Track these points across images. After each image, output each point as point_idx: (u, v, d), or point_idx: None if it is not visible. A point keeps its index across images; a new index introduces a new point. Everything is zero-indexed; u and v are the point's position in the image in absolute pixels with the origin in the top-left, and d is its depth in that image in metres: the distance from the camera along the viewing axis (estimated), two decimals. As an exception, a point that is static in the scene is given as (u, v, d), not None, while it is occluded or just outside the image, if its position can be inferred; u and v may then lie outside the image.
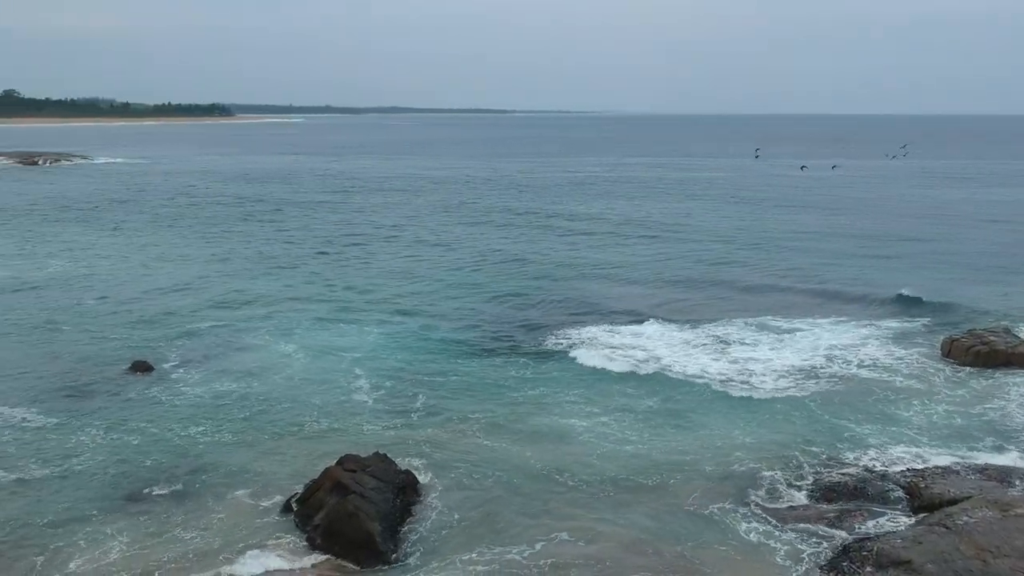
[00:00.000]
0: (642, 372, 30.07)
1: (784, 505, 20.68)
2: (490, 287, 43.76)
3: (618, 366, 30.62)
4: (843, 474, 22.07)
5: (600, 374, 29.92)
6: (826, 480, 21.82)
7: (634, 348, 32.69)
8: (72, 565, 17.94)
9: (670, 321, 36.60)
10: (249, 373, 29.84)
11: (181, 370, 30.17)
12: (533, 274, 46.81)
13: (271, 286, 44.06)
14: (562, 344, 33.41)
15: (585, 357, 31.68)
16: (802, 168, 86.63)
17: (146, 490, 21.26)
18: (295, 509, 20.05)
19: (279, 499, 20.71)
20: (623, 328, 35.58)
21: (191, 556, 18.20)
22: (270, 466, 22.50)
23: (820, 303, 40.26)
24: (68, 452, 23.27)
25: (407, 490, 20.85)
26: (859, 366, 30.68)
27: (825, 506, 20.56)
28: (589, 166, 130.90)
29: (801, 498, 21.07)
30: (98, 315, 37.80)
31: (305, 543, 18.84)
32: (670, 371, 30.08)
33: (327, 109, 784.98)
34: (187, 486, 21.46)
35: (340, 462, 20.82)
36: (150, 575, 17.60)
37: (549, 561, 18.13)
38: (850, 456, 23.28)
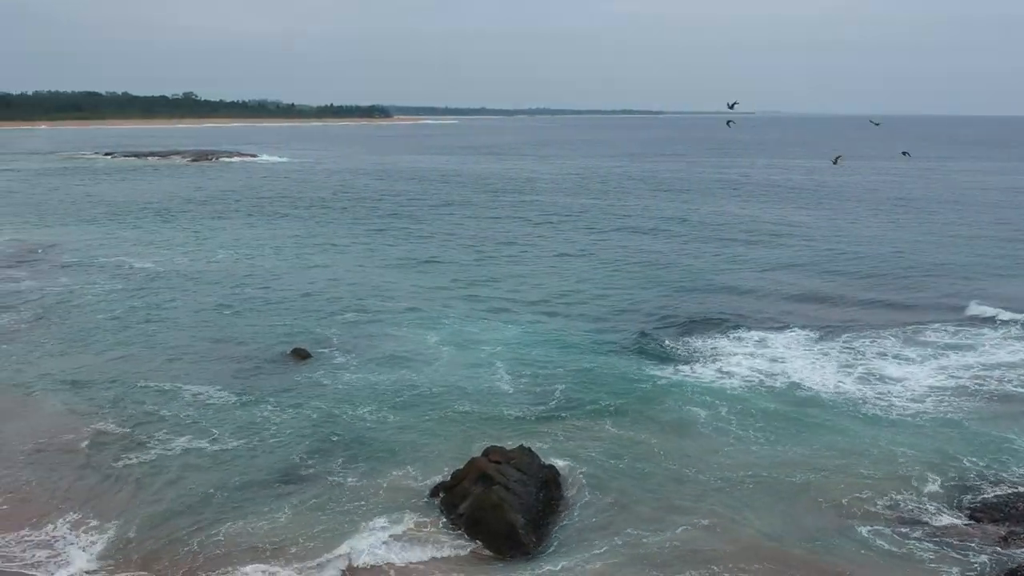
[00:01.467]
0: (779, 379, 29.20)
1: (942, 522, 19.42)
2: (631, 288, 43.41)
3: (754, 372, 29.83)
4: (1012, 494, 20.58)
5: (735, 378, 29.22)
6: (991, 498, 20.40)
7: (772, 356, 31.76)
8: (248, 527, 19.15)
9: (813, 328, 35.31)
10: (397, 362, 30.79)
11: (337, 357, 31.45)
12: (674, 277, 46.14)
13: (419, 280, 45.30)
14: (697, 346, 32.89)
15: (721, 360, 31.08)
16: (904, 154, 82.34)
17: (307, 465, 22.44)
18: (441, 496, 20.43)
19: (426, 484, 21.27)
20: (761, 334, 34.52)
21: (344, 529, 18.99)
22: (419, 452, 23.14)
23: (978, 317, 37.43)
24: (248, 427, 24.91)
25: (549, 484, 20.92)
26: (1020, 384, 28.60)
27: (990, 527, 19.18)
28: (741, 168, 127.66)
29: (958, 516, 19.73)
30: (260, 303, 39.92)
31: (449, 530, 19.20)
32: (809, 380, 29.11)
33: (481, 111, 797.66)
34: (344, 465, 22.43)
35: (485, 453, 21.07)
36: (304, 542, 18.51)
37: (686, 554, 18.02)
38: (1018, 473, 21.72)
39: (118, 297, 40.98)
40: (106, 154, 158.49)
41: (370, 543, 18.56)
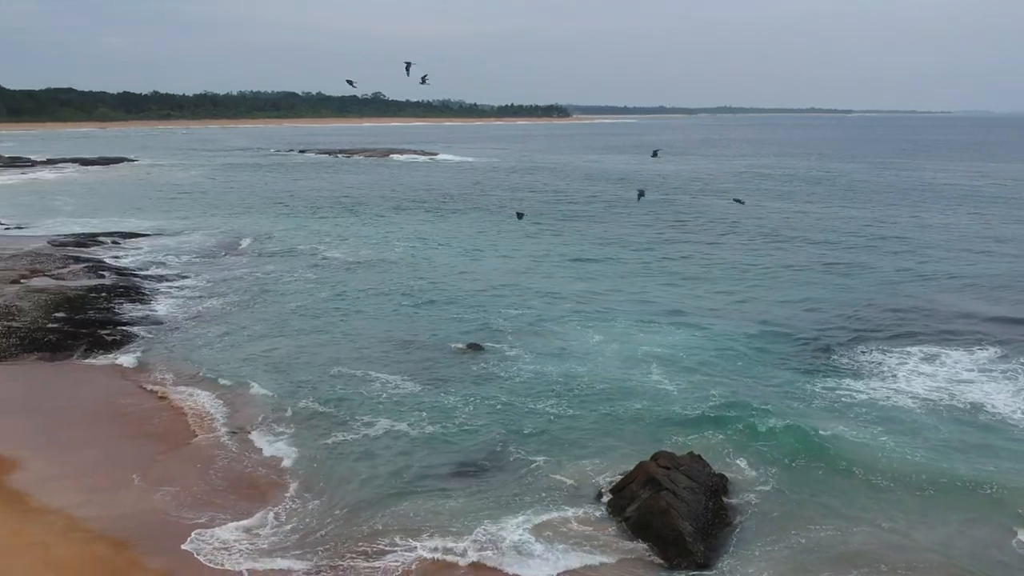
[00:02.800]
0: (957, 398, 27.43)
1: None
2: (805, 294, 41.91)
3: (929, 389, 28.22)
4: None
5: (908, 395, 27.71)
6: None
7: (950, 375, 29.83)
8: (429, 508, 20.11)
9: (998, 347, 32.82)
10: (564, 360, 31.19)
11: (508, 351, 32.18)
12: (850, 287, 43.93)
13: (586, 279, 45.60)
14: (869, 359, 31.35)
15: (894, 375, 29.56)
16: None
17: (484, 454, 23.27)
18: (608, 497, 20.63)
19: (593, 483, 21.49)
20: (939, 351, 32.43)
21: (514, 520, 19.51)
22: (587, 451, 23.40)
23: None
24: (435, 414, 26.00)
25: (719, 493, 20.68)
26: None
27: None
28: (939, 173, 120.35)
29: None
30: (436, 296, 41.34)
31: (615, 532, 19.34)
32: (990, 400, 27.26)
33: (660, 110, 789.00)
34: (517, 458, 23.03)
35: (654, 457, 21.08)
36: (476, 526, 19.23)
37: (856, 569, 17.58)
38: None
39: (312, 285, 43.61)
40: (301, 151, 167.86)
41: (538, 537, 18.95)
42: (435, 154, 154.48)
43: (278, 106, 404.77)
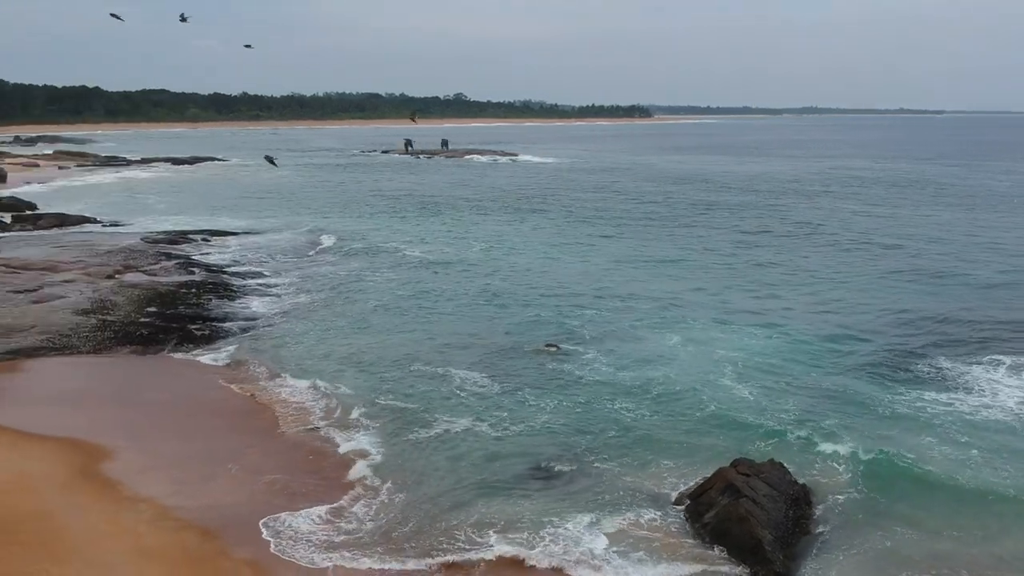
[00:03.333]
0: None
1: None
2: (891, 301, 40.59)
3: (1020, 399, 27.16)
4: None
5: (1000, 409, 26.52)
6: None
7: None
8: (499, 509, 20.16)
9: None
10: (640, 362, 30.96)
11: (586, 352, 32.09)
12: (941, 292, 42.45)
13: (664, 281, 45.23)
14: (954, 371, 30.07)
15: (981, 389, 28.33)
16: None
17: (564, 455, 23.18)
18: (686, 503, 20.44)
19: (670, 488, 21.32)
20: None
21: (588, 527, 19.41)
22: (662, 455, 23.19)
23: None
24: (515, 414, 26.08)
25: (800, 502, 20.29)
26: None
27: None
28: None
29: None
30: (513, 296, 41.53)
31: (692, 539, 19.14)
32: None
33: (744, 110, 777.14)
34: (594, 461, 22.91)
35: (734, 464, 20.80)
36: (553, 527, 19.20)
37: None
38: None
39: (393, 284, 44.28)
40: (383, 151, 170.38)
41: (614, 541, 18.90)
42: (515, 155, 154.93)
43: (362, 107, 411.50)
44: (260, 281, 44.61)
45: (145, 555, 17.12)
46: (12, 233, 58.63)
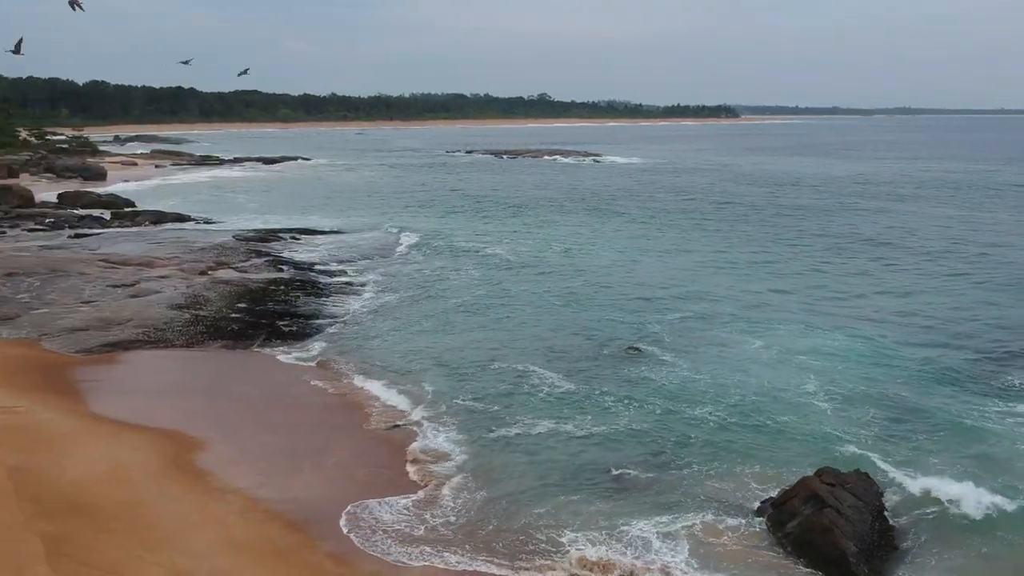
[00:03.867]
0: None
1: None
2: (985, 309, 39.12)
3: None
4: None
5: None
6: None
7: None
8: (579, 510, 20.20)
9: None
10: (722, 366, 30.59)
11: (667, 355, 31.83)
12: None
13: (747, 284, 44.56)
14: None
15: None
16: None
17: (644, 460, 23.04)
18: (768, 512, 20.11)
19: (749, 497, 21.01)
20: None
21: (669, 531, 19.29)
22: (743, 462, 22.86)
23: None
24: (595, 416, 26.00)
25: (886, 515, 19.79)
26: None
27: None
28: None
29: None
30: (593, 297, 41.43)
31: (773, 548, 18.84)
32: None
33: (834, 110, 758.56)
34: (675, 465, 22.74)
35: (818, 473, 20.37)
36: (631, 532, 19.11)
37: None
38: None
39: (475, 283, 44.69)
40: (467, 152, 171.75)
41: (694, 546, 18.75)
42: (599, 155, 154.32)
43: (447, 107, 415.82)
44: (346, 279, 45.46)
45: (233, 545, 17.64)
46: (112, 229, 60.96)
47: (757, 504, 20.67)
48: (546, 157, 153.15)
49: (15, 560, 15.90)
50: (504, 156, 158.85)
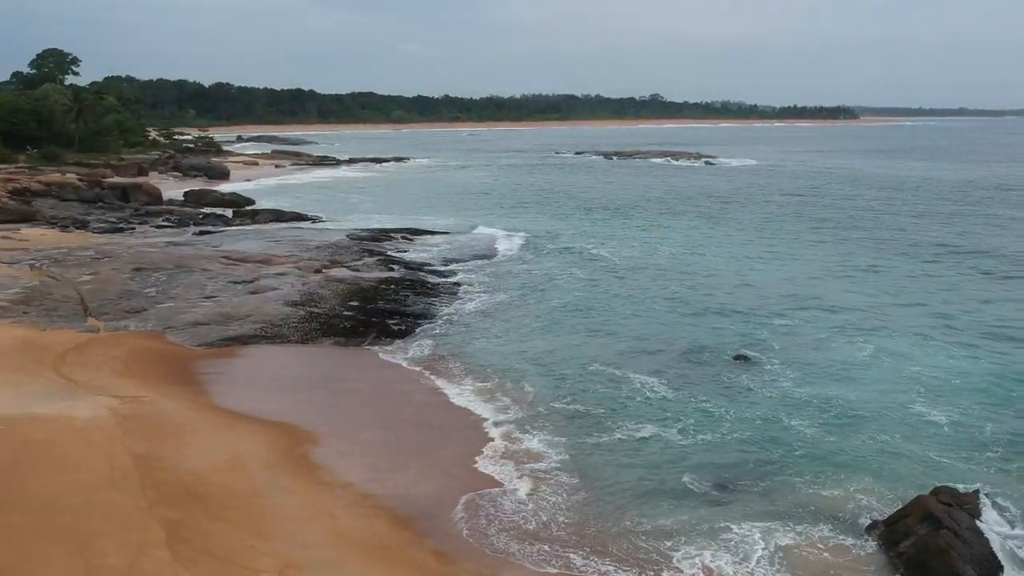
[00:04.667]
0: None
1: None
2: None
3: None
4: None
5: None
6: None
7: None
8: (681, 518, 20.04)
9: None
10: (830, 376, 29.87)
11: (774, 363, 31.21)
12: None
13: (860, 291, 43.36)
14: None
15: None
16: None
17: (743, 470, 22.70)
18: (879, 530, 19.49)
19: (859, 514, 20.38)
20: None
21: (768, 543, 18.92)
22: (852, 478, 22.19)
23: None
24: (696, 423, 25.69)
25: (1006, 539, 18.90)
26: None
27: None
28: None
29: None
30: (699, 301, 40.93)
31: (884, 568, 18.25)
32: None
33: (960, 111, 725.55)
34: (781, 478, 22.28)
35: (935, 492, 19.63)
36: (735, 544, 18.85)
37: None
38: None
39: (580, 285, 44.75)
40: (577, 153, 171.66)
41: (800, 562, 18.35)
42: (712, 157, 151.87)
43: (558, 108, 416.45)
44: (454, 279, 46.11)
45: (341, 538, 18.15)
46: (233, 227, 63.46)
47: (866, 521, 20.04)
48: (657, 159, 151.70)
49: (139, 543, 16.77)
50: (614, 157, 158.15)
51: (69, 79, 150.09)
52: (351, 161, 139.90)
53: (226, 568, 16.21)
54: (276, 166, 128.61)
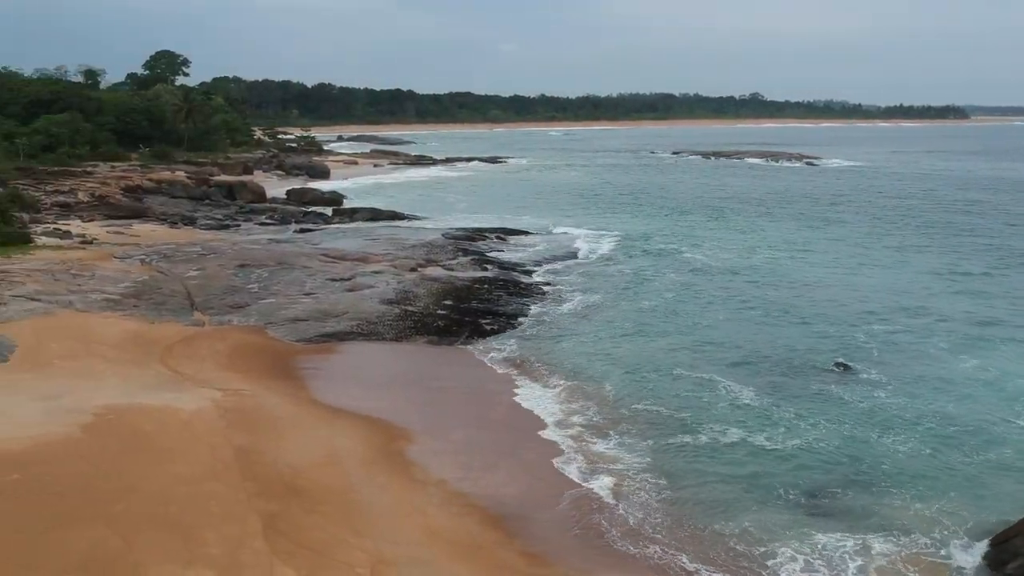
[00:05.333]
0: None
1: None
2: None
3: None
4: None
5: None
6: None
7: None
8: (767, 526, 19.64)
9: None
10: (932, 388, 28.78)
11: (873, 372, 30.29)
12: None
13: (972, 301, 41.54)
14: None
15: None
16: None
17: (836, 482, 22.04)
18: (985, 550, 18.71)
19: (961, 531, 19.65)
20: None
21: (865, 561, 18.42)
22: (953, 495, 21.36)
23: None
24: (784, 431, 25.13)
25: None
26: None
27: None
28: None
29: None
30: (797, 307, 39.97)
31: (993, 589, 17.56)
32: None
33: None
34: (878, 491, 21.58)
35: (1045, 512, 18.74)
36: (848, 562, 18.40)
37: None
38: None
39: (671, 287, 44.34)
40: (674, 152, 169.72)
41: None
42: (814, 158, 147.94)
43: (654, 107, 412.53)
44: (546, 279, 46.19)
45: (432, 536, 18.39)
46: (332, 225, 64.93)
47: (968, 539, 19.29)
48: (756, 159, 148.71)
49: (238, 535, 17.31)
50: (712, 157, 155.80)
51: (179, 80, 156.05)
52: (447, 160, 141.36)
53: (321, 561, 16.58)
54: (374, 165, 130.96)
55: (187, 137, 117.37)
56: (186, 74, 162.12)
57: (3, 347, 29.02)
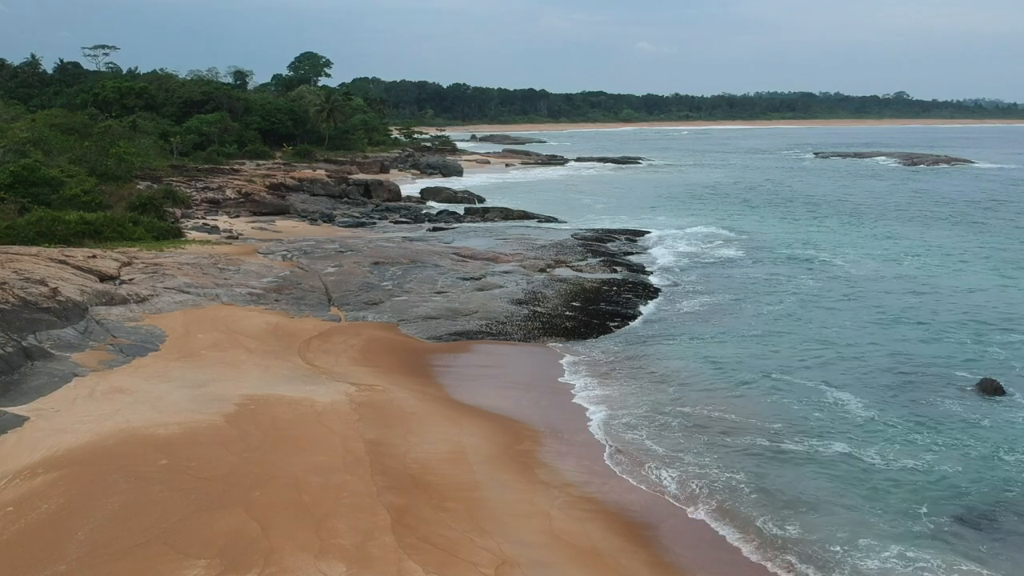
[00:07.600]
0: None
1: None
2: None
3: None
4: None
5: None
6: None
7: None
8: (872, 550, 18.61)
9: None
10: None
11: (1017, 395, 28.28)
12: None
13: None
14: None
15: None
16: None
17: (951, 507, 20.72)
18: None
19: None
20: None
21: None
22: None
23: None
24: (901, 449, 23.85)
25: None
26: None
27: None
28: None
29: None
30: (939, 319, 37.94)
31: None
32: None
33: None
34: (1001, 526, 20.10)
35: None
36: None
37: None
38: None
39: (804, 291, 43.09)
40: (814, 153, 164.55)
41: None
42: (966, 160, 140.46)
43: (793, 107, 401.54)
44: (674, 280, 45.71)
45: (555, 539, 18.40)
46: (464, 224, 65.96)
47: None
48: (902, 161, 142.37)
49: (367, 527, 17.79)
50: (853, 158, 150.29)
51: (322, 80, 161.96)
52: (579, 160, 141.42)
53: (446, 558, 16.85)
54: (506, 164, 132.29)
55: (328, 136, 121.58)
56: (328, 75, 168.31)
57: (156, 337, 30.80)
